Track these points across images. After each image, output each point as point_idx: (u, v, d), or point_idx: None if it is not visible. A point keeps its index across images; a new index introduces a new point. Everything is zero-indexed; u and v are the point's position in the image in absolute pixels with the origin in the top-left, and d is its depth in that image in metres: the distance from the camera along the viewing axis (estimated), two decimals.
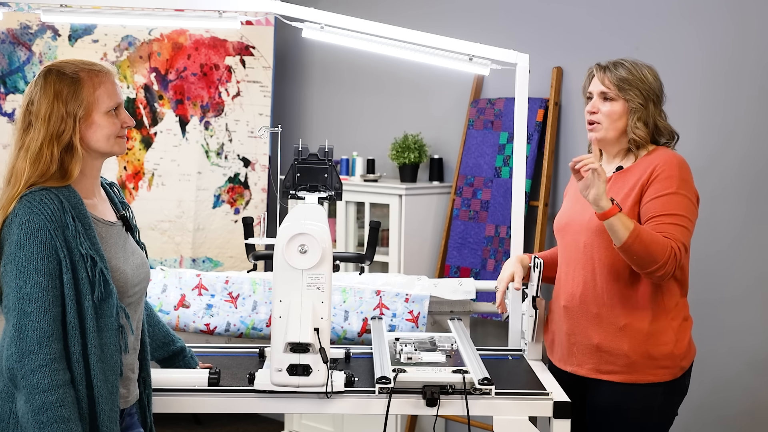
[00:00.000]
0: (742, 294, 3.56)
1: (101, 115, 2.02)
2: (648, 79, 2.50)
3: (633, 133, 2.48)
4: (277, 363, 2.21)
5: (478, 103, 4.28)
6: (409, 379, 2.36)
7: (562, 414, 2.35)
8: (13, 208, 1.93)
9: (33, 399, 1.84)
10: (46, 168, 1.96)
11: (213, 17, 2.89)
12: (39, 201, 1.91)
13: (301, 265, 2.19)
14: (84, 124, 2.00)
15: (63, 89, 1.98)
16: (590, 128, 2.54)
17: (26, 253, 1.88)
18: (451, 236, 4.28)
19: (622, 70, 2.50)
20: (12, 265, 1.88)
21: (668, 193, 2.37)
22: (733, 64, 3.57)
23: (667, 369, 2.43)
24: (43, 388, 1.84)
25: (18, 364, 1.85)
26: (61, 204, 1.93)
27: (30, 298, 1.87)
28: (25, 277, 1.87)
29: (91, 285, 1.94)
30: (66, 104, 1.98)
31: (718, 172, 3.61)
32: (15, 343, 1.85)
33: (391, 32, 2.79)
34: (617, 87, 2.49)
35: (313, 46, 4.78)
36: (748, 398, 3.54)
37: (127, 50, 4.61)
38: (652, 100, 2.50)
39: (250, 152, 4.77)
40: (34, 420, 1.83)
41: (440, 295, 3.15)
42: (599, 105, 2.52)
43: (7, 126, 4.53)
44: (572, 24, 4.03)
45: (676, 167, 2.41)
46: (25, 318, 1.86)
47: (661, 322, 2.42)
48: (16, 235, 1.89)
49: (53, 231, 1.90)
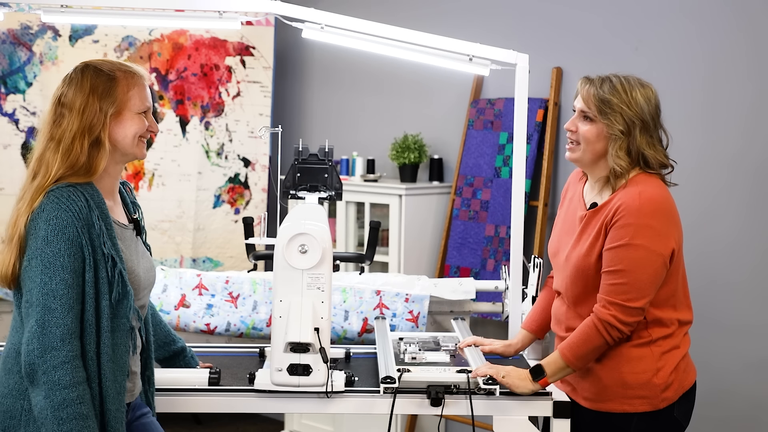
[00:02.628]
0: (741, 294, 3.56)
1: (131, 114, 2.05)
2: (636, 103, 2.25)
3: (614, 162, 2.26)
4: (278, 363, 2.21)
5: (478, 103, 4.28)
6: (413, 378, 2.36)
7: (562, 414, 2.35)
8: (41, 202, 1.93)
9: (53, 395, 1.84)
10: (75, 160, 1.97)
11: (213, 18, 2.89)
12: (67, 197, 1.92)
13: (301, 265, 2.19)
14: (114, 121, 2.03)
15: (99, 85, 2.02)
16: (568, 147, 2.36)
17: (53, 249, 1.88)
18: (451, 236, 4.28)
19: (607, 89, 2.26)
20: (38, 261, 1.89)
21: (618, 246, 2.20)
22: (733, 64, 3.57)
23: (644, 399, 2.26)
24: (64, 384, 1.85)
25: (40, 359, 1.85)
26: (86, 202, 1.95)
27: (55, 295, 1.87)
28: (51, 273, 1.88)
29: (109, 285, 1.95)
30: (100, 100, 2.01)
31: (717, 171, 3.61)
32: (38, 338, 1.85)
33: (391, 32, 2.79)
34: (597, 108, 2.26)
35: (313, 46, 4.78)
36: (749, 398, 3.54)
37: (128, 50, 4.61)
38: (639, 126, 2.25)
39: (250, 152, 4.77)
40: (54, 416, 1.84)
41: (440, 295, 3.15)
42: (578, 123, 2.31)
43: (7, 126, 4.53)
44: (572, 24, 4.03)
45: (635, 213, 2.19)
46: (49, 314, 1.86)
47: (642, 349, 2.27)
48: (43, 231, 1.89)
49: (80, 228, 1.91)
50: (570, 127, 2.34)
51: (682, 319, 2.32)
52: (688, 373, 2.33)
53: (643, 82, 2.31)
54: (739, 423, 3.57)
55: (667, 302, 2.28)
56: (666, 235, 2.21)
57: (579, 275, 2.30)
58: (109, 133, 2.02)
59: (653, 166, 2.29)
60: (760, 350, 3.52)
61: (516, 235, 2.83)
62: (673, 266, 2.26)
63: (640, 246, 2.18)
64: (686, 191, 3.69)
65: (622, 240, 2.19)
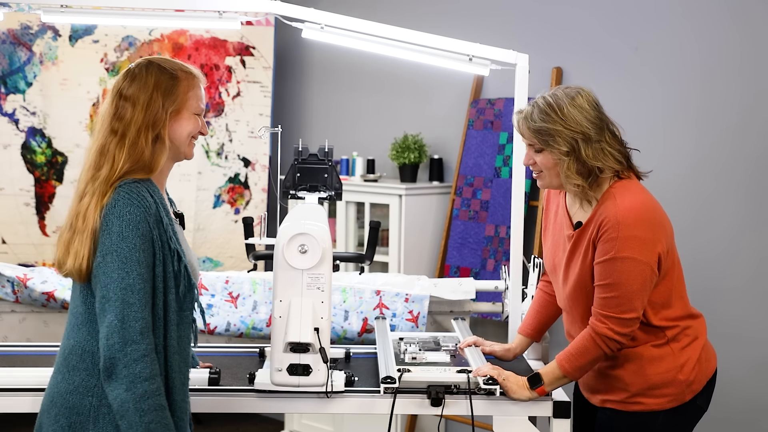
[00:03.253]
0: (741, 293, 3.56)
1: (189, 114, 2.07)
2: (571, 119, 2.20)
3: (570, 185, 2.25)
4: (277, 363, 2.21)
5: (477, 103, 4.28)
6: (413, 378, 2.37)
7: (562, 414, 2.35)
8: (112, 198, 1.94)
9: (135, 387, 1.86)
10: (140, 155, 1.99)
11: (213, 17, 2.89)
12: (137, 193, 1.94)
13: (301, 265, 2.19)
14: (173, 119, 2.05)
15: (162, 82, 2.04)
16: (535, 176, 2.35)
17: (128, 245, 1.90)
18: (451, 236, 4.28)
19: (537, 118, 2.23)
20: (114, 256, 1.90)
21: (605, 260, 2.20)
22: (732, 64, 3.57)
23: (672, 396, 2.29)
24: (145, 377, 1.87)
25: (120, 353, 1.87)
26: (153, 198, 1.97)
27: (133, 289, 1.89)
28: (128, 268, 1.90)
29: (176, 279, 1.98)
30: (163, 96, 2.03)
31: (716, 171, 3.61)
32: (118, 332, 1.87)
33: (391, 32, 2.79)
34: (537, 139, 2.25)
35: (313, 46, 4.78)
36: (748, 400, 3.54)
37: (128, 50, 4.62)
38: (582, 139, 2.20)
39: (250, 152, 4.77)
40: (135, 408, 1.86)
41: (440, 295, 3.15)
42: (533, 156, 2.30)
43: (7, 126, 4.53)
44: (572, 24, 4.03)
45: (616, 227, 2.18)
46: (128, 308, 1.88)
47: (662, 348, 2.29)
48: (117, 226, 1.91)
49: (152, 224, 1.94)
50: (528, 162, 2.33)
51: (689, 312, 2.35)
52: (709, 362, 2.36)
53: (572, 92, 2.25)
54: (738, 425, 3.57)
55: (672, 300, 2.30)
56: (651, 241, 2.20)
57: (579, 294, 2.32)
58: (168, 131, 2.05)
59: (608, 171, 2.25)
60: (759, 352, 3.52)
61: (516, 235, 2.83)
62: (668, 264, 2.27)
63: (626, 258, 2.19)
64: (683, 193, 3.69)
65: (608, 254, 2.20)
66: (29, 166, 4.57)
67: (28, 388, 2.35)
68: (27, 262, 4.49)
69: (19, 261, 4.47)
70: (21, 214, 4.56)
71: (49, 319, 3.20)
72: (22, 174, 4.56)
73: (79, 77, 4.58)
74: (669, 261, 2.27)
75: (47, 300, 3.14)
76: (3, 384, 2.37)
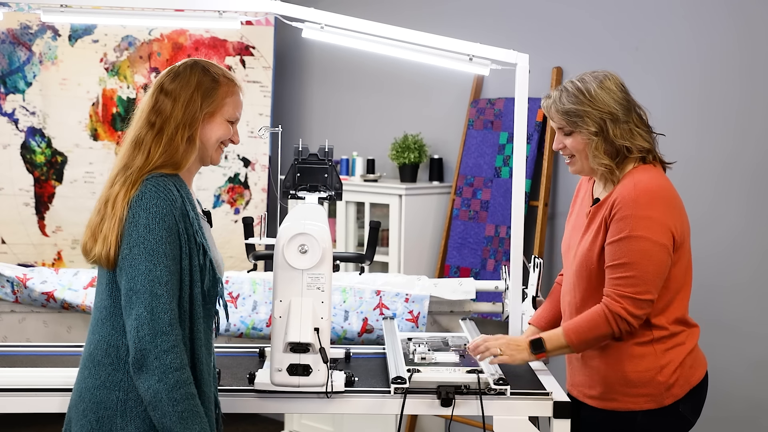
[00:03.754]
0: (741, 295, 3.56)
1: (222, 119, 2.09)
2: (599, 99, 2.25)
3: (597, 165, 2.28)
4: (277, 363, 2.21)
5: (478, 103, 4.28)
6: (423, 379, 2.37)
7: (562, 414, 2.35)
8: (139, 190, 1.96)
9: (167, 378, 1.88)
10: (175, 151, 2.01)
11: (213, 17, 2.89)
12: (164, 187, 1.96)
13: (301, 265, 2.18)
14: (206, 121, 2.07)
15: (204, 83, 2.06)
16: (567, 163, 2.39)
17: (155, 237, 1.92)
18: (451, 236, 4.28)
19: (565, 100, 2.28)
20: (141, 248, 1.91)
21: (618, 239, 2.20)
22: (732, 64, 3.57)
23: (649, 396, 2.27)
24: (175, 367, 1.89)
25: (151, 344, 1.89)
26: (179, 193, 1.99)
27: (160, 281, 1.91)
28: (155, 260, 1.91)
29: (201, 273, 1.99)
30: (202, 98, 2.05)
31: (717, 171, 3.61)
32: (148, 324, 1.89)
33: (391, 32, 2.79)
34: (566, 121, 2.29)
35: (313, 46, 4.78)
36: (749, 399, 3.54)
37: (127, 50, 4.61)
38: (610, 120, 2.25)
39: (250, 152, 4.77)
40: (168, 397, 1.88)
41: (440, 295, 3.15)
42: (563, 140, 2.34)
43: (6, 126, 4.53)
44: (572, 24, 4.03)
45: (631, 205, 2.20)
46: (156, 300, 1.90)
47: (644, 347, 2.27)
48: (143, 219, 1.92)
49: (178, 217, 1.95)
50: (558, 146, 2.36)
51: (685, 319, 2.32)
52: (695, 369, 2.33)
53: (599, 74, 2.31)
54: (739, 424, 3.57)
55: (672, 301, 2.28)
56: (665, 224, 2.20)
57: (583, 270, 2.32)
58: (201, 132, 2.07)
59: (636, 152, 2.28)
60: (760, 351, 3.51)
61: (516, 235, 2.82)
62: (678, 260, 2.25)
63: (641, 237, 2.18)
64: (684, 192, 3.68)
65: (622, 233, 2.20)
66: (29, 166, 4.57)
67: (33, 388, 2.35)
68: (26, 262, 4.48)
69: (18, 261, 4.47)
70: (20, 214, 4.56)
71: (48, 320, 3.20)
72: (21, 174, 4.56)
73: (79, 77, 4.58)
74: (679, 256, 2.25)
75: (47, 300, 3.13)
76: (23, 384, 2.38)
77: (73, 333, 3.19)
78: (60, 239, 4.60)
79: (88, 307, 3.09)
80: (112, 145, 4.63)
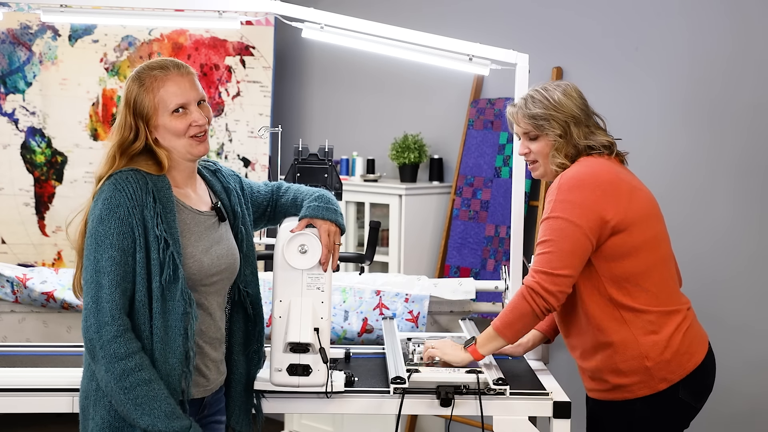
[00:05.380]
0: (739, 292, 3.56)
1: (166, 114, 2.04)
2: (561, 104, 2.37)
3: (554, 165, 2.38)
4: (277, 363, 2.21)
5: (478, 103, 4.28)
6: (423, 379, 2.37)
7: (562, 414, 2.35)
8: (101, 186, 2.00)
9: (112, 367, 1.91)
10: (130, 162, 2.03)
11: (213, 17, 2.89)
12: (124, 179, 1.98)
13: (301, 265, 2.19)
14: (152, 125, 2.04)
15: (132, 91, 2.04)
16: (530, 168, 2.48)
17: (105, 228, 1.94)
18: (451, 236, 4.28)
19: (532, 106, 2.39)
20: (92, 239, 1.95)
21: (542, 221, 2.32)
22: (732, 64, 3.57)
23: (641, 383, 2.29)
24: (120, 356, 1.91)
25: (96, 335, 1.92)
26: (146, 184, 1.99)
27: (104, 272, 1.93)
28: (101, 250, 1.94)
29: (160, 266, 1.98)
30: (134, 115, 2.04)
31: (715, 171, 3.61)
32: (93, 314, 1.93)
33: (391, 32, 2.79)
34: (532, 125, 2.39)
35: (313, 46, 4.78)
36: (747, 397, 3.54)
37: (127, 50, 4.61)
38: (573, 123, 2.36)
39: (250, 152, 4.77)
40: (118, 386, 1.91)
41: (440, 295, 3.15)
42: (528, 144, 2.43)
43: (6, 126, 4.53)
44: (572, 24, 4.03)
45: (557, 190, 2.31)
46: (100, 290, 1.93)
47: (623, 334, 2.29)
48: (98, 210, 1.96)
49: (131, 209, 1.96)
50: (522, 151, 2.45)
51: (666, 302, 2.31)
52: (692, 354, 2.32)
53: (561, 84, 2.43)
54: (737, 421, 3.57)
55: (630, 283, 2.28)
56: (588, 207, 2.26)
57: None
58: (155, 139, 2.05)
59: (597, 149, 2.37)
60: (759, 349, 3.51)
61: (516, 235, 2.83)
62: (634, 242, 2.27)
63: (558, 218, 2.27)
64: (682, 190, 3.69)
65: (544, 215, 2.31)
66: (29, 166, 4.57)
67: (33, 388, 2.35)
68: (26, 262, 4.48)
69: (18, 261, 4.47)
70: (20, 214, 4.56)
71: (48, 319, 3.20)
72: (21, 174, 4.56)
73: (79, 77, 4.58)
74: (636, 239, 2.28)
75: (47, 300, 3.13)
76: (22, 384, 2.38)
77: (73, 333, 3.19)
78: (60, 239, 4.59)
79: None
80: None
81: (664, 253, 2.36)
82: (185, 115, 2.04)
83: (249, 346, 2.26)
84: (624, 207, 2.29)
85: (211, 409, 2.18)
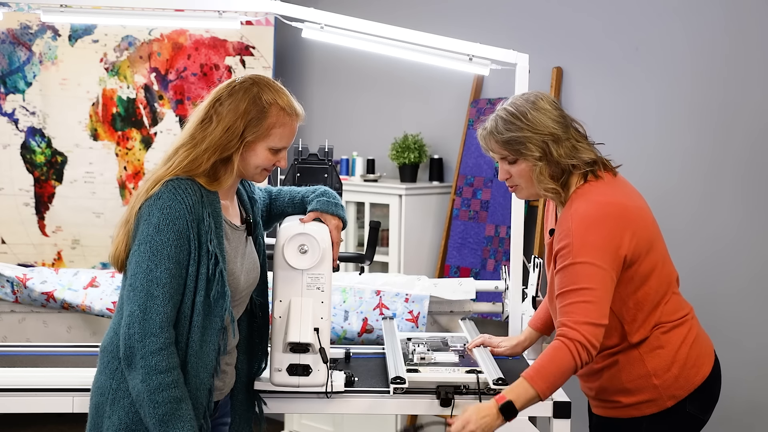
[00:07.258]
0: (740, 295, 3.56)
1: (264, 148, 2.05)
2: (538, 121, 2.19)
3: (542, 190, 2.22)
4: (277, 363, 2.21)
5: (478, 103, 4.28)
6: (422, 379, 2.37)
7: (562, 414, 2.35)
8: (158, 190, 1.96)
9: (150, 379, 1.89)
10: (197, 168, 1.99)
11: (213, 17, 2.89)
12: (183, 189, 1.95)
13: (301, 265, 2.19)
14: (247, 148, 2.04)
15: (250, 113, 2.02)
16: (512, 191, 2.32)
17: (163, 238, 1.92)
18: (451, 236, 4.28)
19: (503, 129, 2.21)
20: (146, 247, 1.92)
21: (566, 266, 2.12)
22: (732, 65, 3.57)
23: (650, 402, 2.23)
24: (160, 369, 1.89)
25: (139, 344, 1.89)
26: (201, 197, 1.97)
27: (159, 283, 1.91)
28: (157, 260, 1.91)
29: (208, 282, 1.97)
30: (245, 126, 2.01)
31: (716, 172, 3.61)
32: (139, 323, 1.90)
33: (391, 32, 2.79)
34: (509, 150, 2.22)
35: (313, 46, 4.78)
36: (747, 399, 3.54)
37: (127, 50, 4.61)
38: (552, 141, 2.18)
39: None
40: (150, 399, 1.89)
41: (440, 295, 3.15)
42: (508, 168, 2.26)
43: (6, 126, 4.53)
44: (572, 24, 4.03)
45: (571, 234, 2.13)
46: (151, 301, 1.90)
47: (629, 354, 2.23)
48: (156, 218, 1.92)
49: (190, 222, 1.94)
50: (504, 177, 2.29)
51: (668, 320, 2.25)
52: (699, 367, 2.26)
53: (531, 97, 2.25)
54: (737, 423, 3.57)
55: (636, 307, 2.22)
56: (605, 249, 2.12)
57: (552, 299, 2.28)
58: (240, 156, 2.03)
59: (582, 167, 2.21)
60: (759, 351, 3.51)
61: (516, 235, 2.83)
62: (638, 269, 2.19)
63: (587, 263, 2.11)
64: (682, 191, 3.69)
65: (566, 260, 2.12)
66: (29, 166, 4.57)
67: (33, 388, 2.35)
68: (26, 262, 4.48)
69: (18, 261, 4.47)
70: (20, 214, 4.56)
71: (48, 319, 3.20)
72: (21, 174, 4.56)
73: (79, 77, 4.58)
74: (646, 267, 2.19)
75: (47, 300, 3.13)
76: (22, 384, 2.38)
77: (73, 333, 3.19)
78: (60, 239, 4.59)
79: (88, 307, 3.09)
80: (112, 145, 4.63)
81: (668, 270, 2.28)
82: (277, 154, 2.08)
83: (254, 350, 2.26)
84: (637, 237, 2.17)
85: (220, 412, 2.19)
